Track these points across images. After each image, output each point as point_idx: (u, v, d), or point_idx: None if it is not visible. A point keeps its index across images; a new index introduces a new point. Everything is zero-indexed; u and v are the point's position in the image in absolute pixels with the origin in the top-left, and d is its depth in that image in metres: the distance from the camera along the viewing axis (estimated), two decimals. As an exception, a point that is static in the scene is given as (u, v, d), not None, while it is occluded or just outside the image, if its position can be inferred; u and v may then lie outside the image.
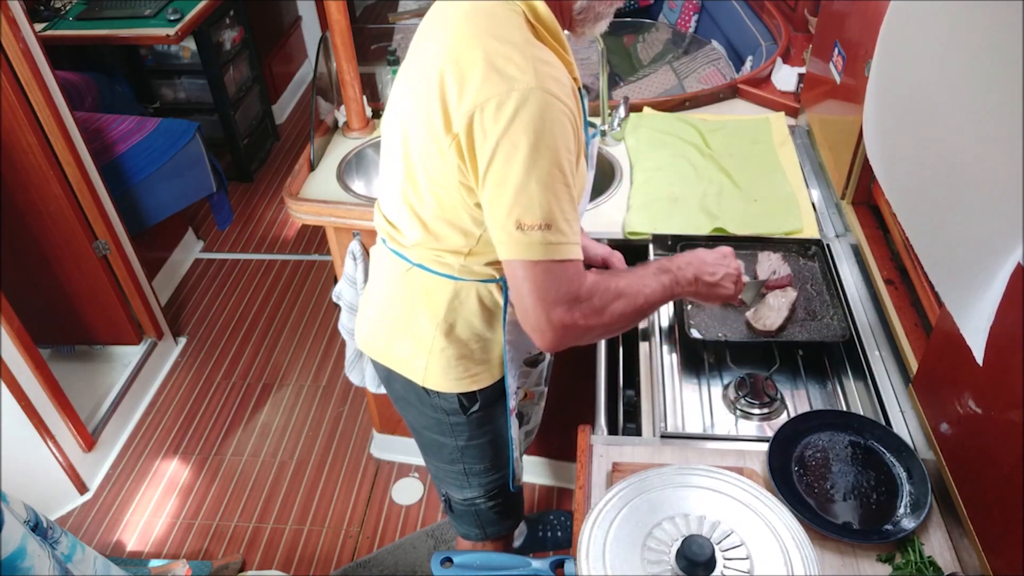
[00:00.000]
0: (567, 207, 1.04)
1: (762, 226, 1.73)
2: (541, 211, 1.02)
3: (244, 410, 2.70)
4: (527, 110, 0.99)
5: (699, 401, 1.45)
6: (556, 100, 1.01)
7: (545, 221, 1.03)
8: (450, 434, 1.43)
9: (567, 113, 1.03)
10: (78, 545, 1.78)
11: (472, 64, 1.03)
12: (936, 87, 1.15)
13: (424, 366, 1.33)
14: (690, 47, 2.89)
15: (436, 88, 1.06)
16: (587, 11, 1.10)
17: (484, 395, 1.37)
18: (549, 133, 1.00)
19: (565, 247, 1.05)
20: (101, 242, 2.46)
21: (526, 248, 1.04)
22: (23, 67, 2.10)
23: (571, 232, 1.05)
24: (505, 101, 1.00)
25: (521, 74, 1.00)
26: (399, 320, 1.33)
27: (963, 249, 1.04)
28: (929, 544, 1.14)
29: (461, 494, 1.56)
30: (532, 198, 1.02)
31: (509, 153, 1.01)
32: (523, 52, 1.02)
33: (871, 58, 1.46)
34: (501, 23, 1.05)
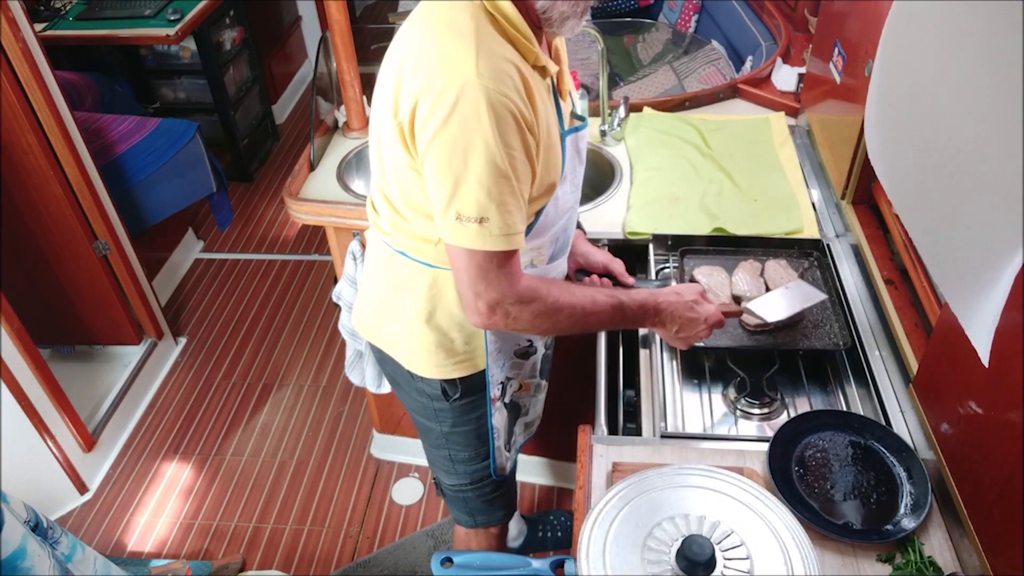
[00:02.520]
0: (508, 199, 1.07)
1: (762, 226, 1.73)
2: (477, 205, 1.06)
3: (244, 410, 2.70)
4: (466, 104, 1.01)
5: (699, 401, 1.45)
6: (500, 96, 1.02)
7: (481, 215, 1.06)
8: (435, 419, 1.46)
9: (511, 108, 1.03)
10: (78, 545, 1.78)
11: (423, 54, 1.06)
12: (938, 88, 1.15)
13: (408, 350, 1.37)
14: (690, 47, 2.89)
15: (393, 77, 1.11)
16: (551, 10, 1.08)
17: (467, 384, 1.39)
18: (487, 128, 1.02)
19: (501, 239, 1.09)
20: (101, 242, 2.46)
21: (463, 236, 1.09)
22: (23, 67, 2.10)
23: (509, 225, 1.08)
24: (445, 93, 1.02)
25: (465, 67, 1.01)
26: (386, 304, 1.37)
27: (967, 251, 1.04)
28: (929, 544, 1.14)
29: (448, 479, 1.59)
30: (469, 192, 1.05)
31: (446, 146, 1.04)
32: (473, 45, 1.03)
33: (871, 58, 1.46)
34: (459, 15, 1.06)
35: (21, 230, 2.37)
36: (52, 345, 2.74)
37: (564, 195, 1.25)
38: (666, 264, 1.70)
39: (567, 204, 1.28)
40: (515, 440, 1.57)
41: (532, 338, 1.42)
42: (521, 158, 1.07)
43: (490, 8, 1.07)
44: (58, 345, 2.76)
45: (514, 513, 1.79)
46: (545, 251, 1.30)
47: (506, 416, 1.49)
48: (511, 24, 1.08)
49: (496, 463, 1.54)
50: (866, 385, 1.42)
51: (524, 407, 1.54)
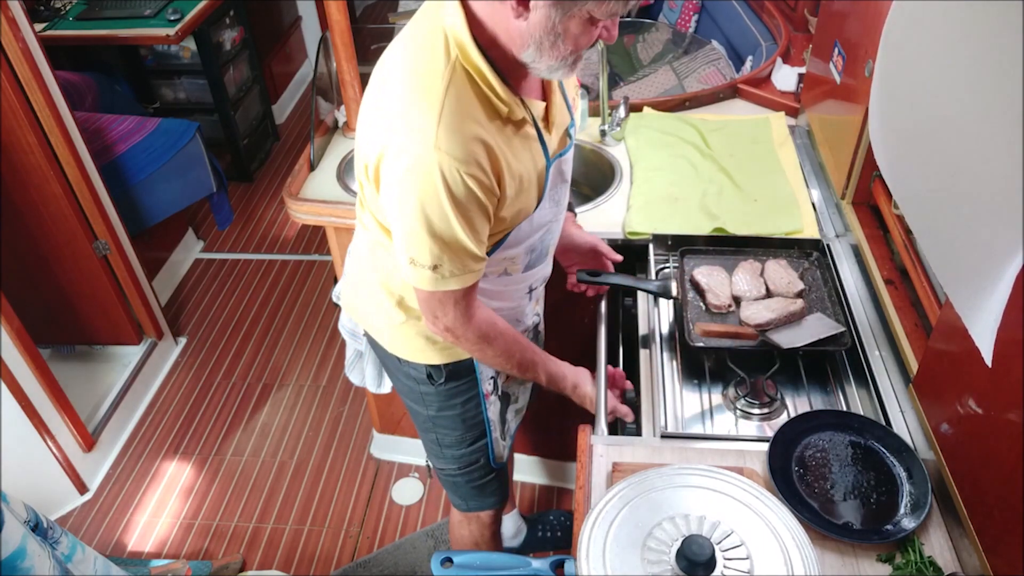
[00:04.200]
0: (460, 247, 1.12)
1: (762, 226, 1.73)
2: (430, 256, 1.13)
3: (244, 410, 2.70)
4: (420, 171, 1.06)
5: (699, 401, 1.45)
6: (455, 169, 1.05)
7: (434, 263, 1.13)
8: (421, 402, 1.49)
9: (467, 181, 1.06)
10: (78, 545, 1.78)
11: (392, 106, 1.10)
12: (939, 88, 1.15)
13: (391, 334, 1.42)
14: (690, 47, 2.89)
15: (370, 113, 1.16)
16: (537, 63, 1.08)
17: (451, 369, 1.41)
18: (440, 196, 1.06)
19: (454, 280, 1.16)
20: (101, 242, 2.46)
21: (417, 279, 1.17)
22: (23, 67, 2.10)
23: (463, 266, 1.15)
24: (401, 154, 1.07)
25: (425, 135, 1.05)
26: (367, 288, 1.40)
27: (970, 250, 1.04)
28: (929, 544, 1.14)
29: (437, 463, 1.62)
30: (422, 244, 1.12)
31: (401, 199, 1.10)
32: (437, 113, 1.05)
33: (871, 58, 1.46)
34: (433, 72, 1.07)
35: (21, 230, 2.37)
36: (52, 345, 2.74)
37: (541, 212, 1.27)
38: (666, 264, 1.70)
39: (544, 219, 1.30)
40: (508, 427, 1.60)
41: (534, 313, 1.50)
42: (477, 214, 1.11)
43: (465, 65, 1.08)
44: (58, 345, 2.76)
45: (507, 500, 1.80)
46: (519, 261, 1.33)
47: (499, 408, 1.52)
48: (486, 84, 1.09)
49: (494, 453, 1.57)
50: (866, 385, 1.42)
51: (513, 395, 1.57)
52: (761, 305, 1.49)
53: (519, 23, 1.02)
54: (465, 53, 1.07)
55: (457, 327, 1.24)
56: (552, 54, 1.05)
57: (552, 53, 1.05)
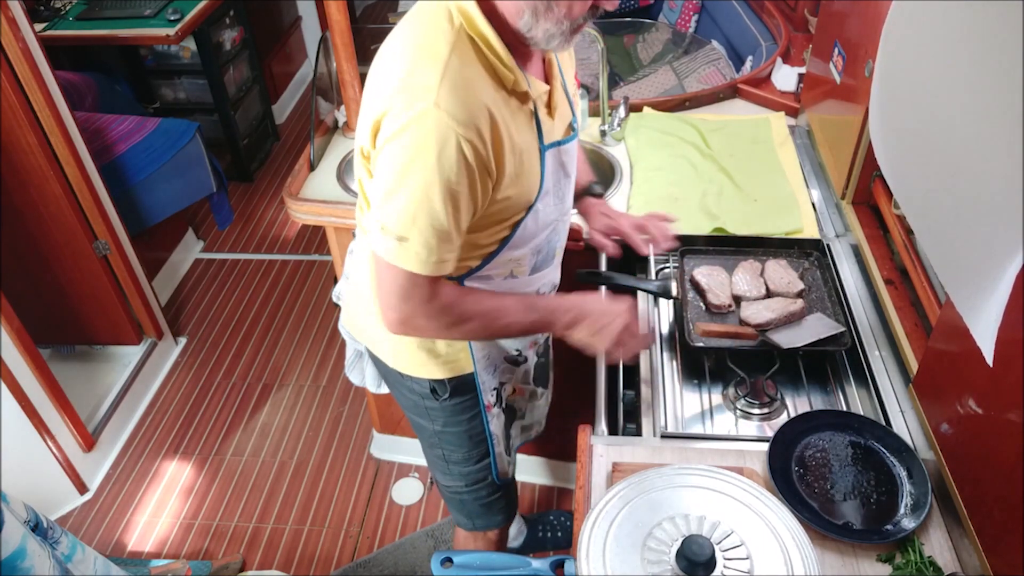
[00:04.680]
0: (433, 228, 1.06)
1: (762, 226, 1.73)
2: (400, 225, 1.06)
3: (244, 410, 2.70)
4: (416, 130, 1.01)
5: (699, 401, 1.45)
6: (454, 131, 1.01)
7: (400, 235, 1.07)
8: (426, 417, 1.46)
9: (463, 145, 1.02)
10: (78, 545, 1.78)
11: (392, 72, 1.07)
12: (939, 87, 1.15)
13: (392, 348, 1.37)
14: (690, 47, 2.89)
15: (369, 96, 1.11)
16: (533, 29, 1.04)
17: (456, 384, 1.38)
18: (430, 159, 1.01)
19: (418, 263, 1.09)
20: (101, 242, 2.46)
21: (383, 248, 1.10)
22: (23, 67, 2.10)
23: (429, 251, 1.08)
24: (402, 113, 1.02)
25: (426, 93, 1.01)
26: (366, 304, 1.37)
27: (971, 250, 1.04)
28: (929, 544, 1.14)
29: (444, 480, 1.59)
30: (396, 209, 1.06)
31: (390, 159, 1.05)
32: (440, 72, 1.02)
33: (871, 58, 1.46)
34: (437, 39, 1.05)
35: (21, 230, 2.37)
36: (52, 345, 2.74)
37: (546, 208, 1.23)
38: (666, 264, 1.70)
39: (549, 217, 1.26)
40: (513, 443, 1.57)
41: (520, 348, 1.41)
42: (463, 192, 1.06)
43: (470, 32, 1.05)
44: (58, 345, 2.76)
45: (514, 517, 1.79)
46: (526, 263, 1.29)
47: (503, 421, 1.48)
48: (490, 50, 1.06)
49: (498, 468, 1.53)
50: (866, 385, 1.42)
51: (520, 410, 1.53)
52: (761, 305, 1.49)
53: None
54: (470, 20, 1.05)
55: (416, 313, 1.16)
56: (548, 17, 1.02)
57: (548, 17, 1.02)
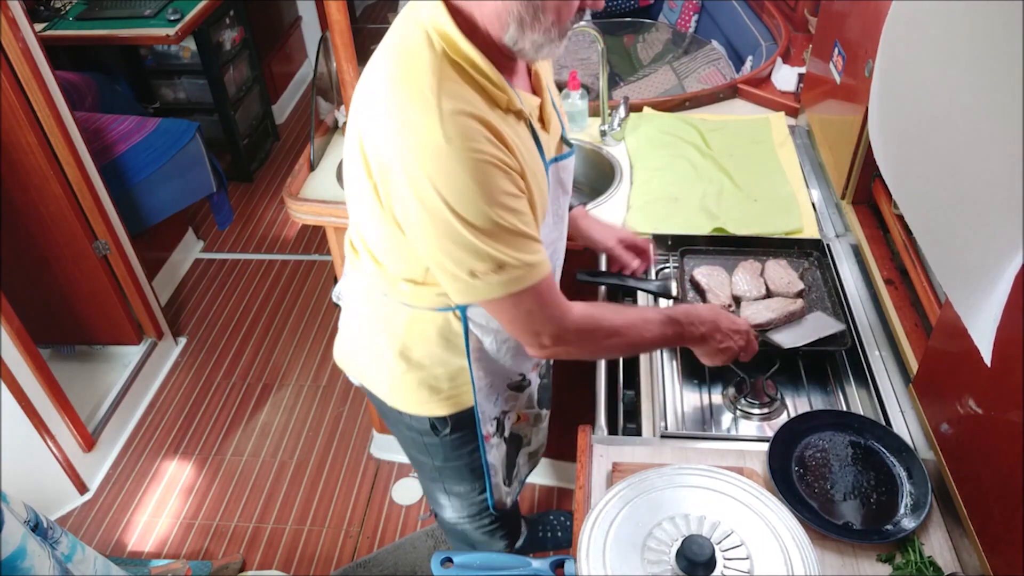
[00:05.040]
0: (516, 238, 1.01)
1: (762, 226, 1.73)
2: (489, 258, 1.00)
3: (244, 410, 2.70)
4: (442, 173, 0.96)
5: (699, 401, 1.45)
6: (474, 153, 0.96)
7: (495, 265, 1.01)
8: (426, 453, 1.42)
9: (490, 160, 0.97)
10: (78, 545, 1.78)
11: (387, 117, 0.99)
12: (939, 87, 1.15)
13: (388, 386, 1.32)
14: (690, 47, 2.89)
15: (358, 135, 1.05)
16: (521, 41, 0.99)
17: (457, 419, 1.33)
18: (470, 189, 0.97)
19: (527, 273, 1.03)
20: (101, 242, 2.46)
21: (486, 290, 1.04)
22: (23, 67, 2.10)
23: (528, 259, 1.03)
24: (418, 165, 0.96)
25: (432, 134, 0.95)
26: (362, 339, 1.32)
27: (969, 251, 1.04)
28: (929, 544, 1.14)
29: (445, 512, 1.54)
30: (475, 251, 1.00)
31: (433, 219, 0.98)
32: (436, 107, 0.96)
33: (871, 58, 1.46)
34: (420, 69, 0.98)
35: (21, 230, 2.37)
36: (52, 345, 2.74)
37: (546, 229, 1.17)
38: (666, 264, 1.70)
39: (549, 238, 1.21)
40: (518, 472, 1.52)
41: (524, 371, 1.37)
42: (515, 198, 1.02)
43: (454, 56, 0.99)
44: (58, 345, 2.76)
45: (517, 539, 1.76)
46: None
47: (505, 450, 1.44)
48: (478, 72, 1.00)
49: (494, 498, 1.50)
50: (866, 385, 1.42)
51: (526, 437, 1.49)
52: (761, 305, 1.49)
53: (493, 3, 0.95)
54: (451, 43, 0.99)
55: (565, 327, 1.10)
56: (535, 27, 0.97)
57: (535, 26, 0.97)
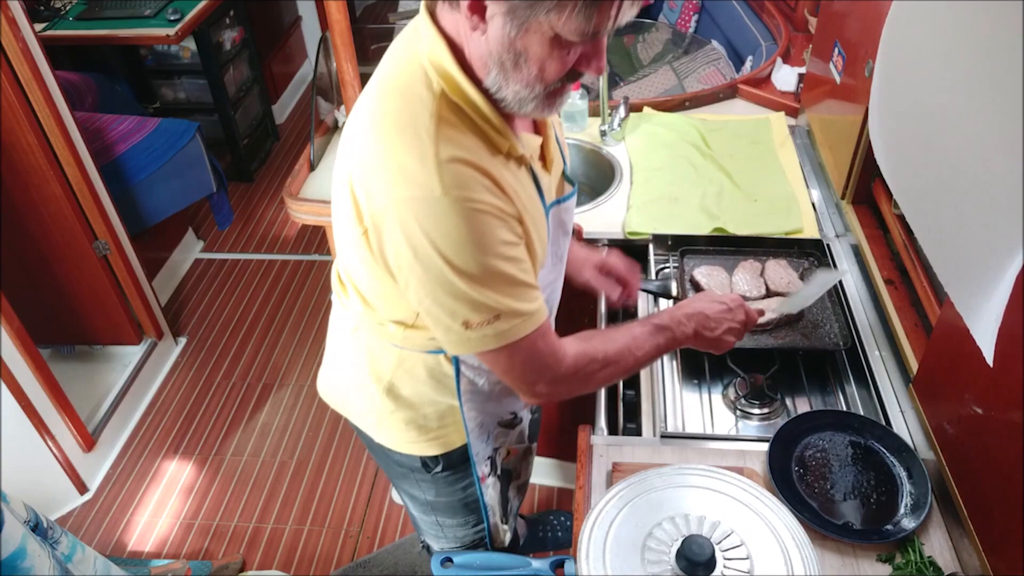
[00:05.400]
0: (512, 287, 0.97)
1: (762, 226, 1.73)
2: (485, 308, 0.96)
3: (244, 410, 2.70)
4: (438, 224, 0.91)
5: (699, 401, 1.45)
6: (471, 203, 0.91)
7: (492, 315, 0.97)
8: (417, 488, 1.38)
9: (488, 210, 0.92)
10: (78, 545, 1.78)
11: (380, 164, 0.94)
12: (939, 88, 1.15)
13: (376, 424, 1.28)
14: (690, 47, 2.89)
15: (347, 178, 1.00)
16: (503, 90, 0.92)
17: (448, 458, 1.29)
18: (466, 240, 0.92)
19: (524, 322, 0.99)
20: (101, 242, 2.46)
21: (481, 342, 0.99)
22: (23, 67, 2.10)
23: (524, 307, 0.99)
24: (413, 216, 0.91)
25: (428, 182, 0.90)
26: (349, 375, 1.28)
27: (970, 250, 1.04)
28: (929, 544, 1.14)
29: (438, 544, 1.51)
30: (469, 303, 0.95)
31: (427, 270, 0.94)
32: (432, 156, 0.90)
33: (871, 58, 1.46)
34: (416, 113, 0.93)
35: (21, 230, 2.37)
36: (52, 345, 2.74)
37: (544, 271, 1.13)
38: (666, 264, 1.70)
39: (547, 279, 1.17)
40: (511, 506, 1.49)
41: (516, 409, 1.33)
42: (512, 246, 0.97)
43: (453, 97, 0.93)
44: (58, 345, 2.76)
45: None
46: None
47: (499, 488, 1.41)
48: (479, 115, 0.94)
49: (492, 538, 1.47)
50: (866, 385, 1.42)
51: (515, 471, 1.46)
52: (761, 305, 1.49)
53: (481, 41, 0.88)
54: (452, 83, 0.92)
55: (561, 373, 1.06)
56: (516, 77, 0.89)
57: (516, 76, 0.89)
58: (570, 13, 0.80)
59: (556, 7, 0.80)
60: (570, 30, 0.82)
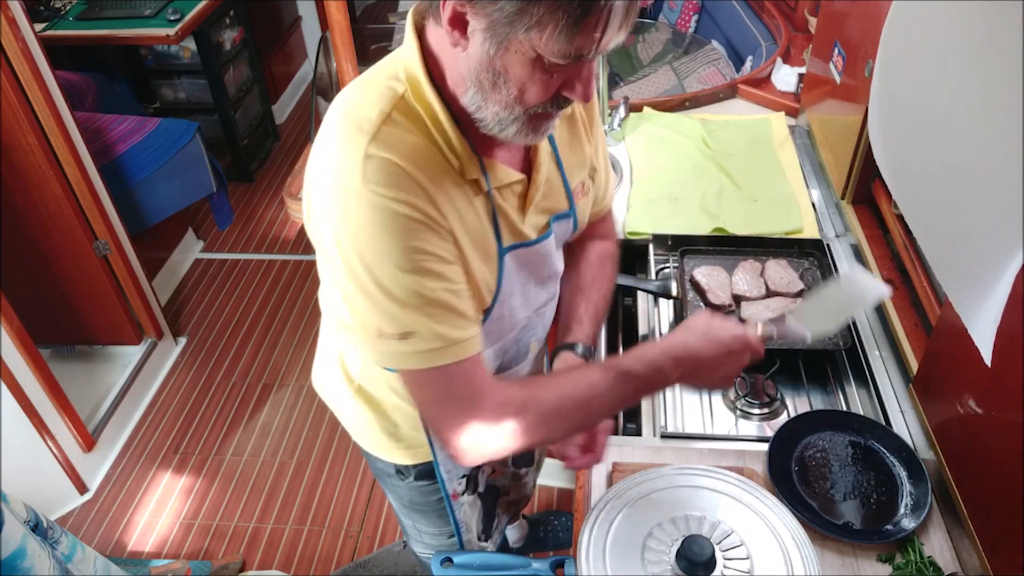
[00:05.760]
0: (432, 307, 0.89)
1: (762, 226, 1.73)
2: (396, 320, 0.89)
3: (244, 410, 2.70)
4: (355, 217, 0.86)
5: (699, 401, 1.45)
6: (392, 201, 0.85)
7: (403, 330, 0.90)
8: (394, 492, 1.36)
9: (410, 213, 0.86)
10: (78, 545, 1.78)
11: (319, 152, 0.92)
12: (939, 88, 1.15)
13: (354, 425, 1.27)
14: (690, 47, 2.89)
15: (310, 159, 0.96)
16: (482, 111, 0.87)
17: (420, 470, 1.26)
18: (382, 239, 0.86)
19: (437, 352, 0.90)
20: (101, 242, 2.46)
21: (392, 357, 0.93)
22: (23, 67, 2.10)
23: (443, 334, 0.90)
24: (334, 205, 0.88)
25: (352, 174, 0.86)
26: (330, 374, 1.27)
27: (969, 251, 1.04)
28: (929, 544, 1.14)
29: (415, 546, 1.49)
30: (383, 308, 0.89)
31: (345, 263, 0.89)
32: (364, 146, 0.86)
33: (871, 58, 1.46)
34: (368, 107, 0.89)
35: (21, 230, 2.37)
36: (52, 345, 2.74)
37: (512, 313, 1.07)
38: (666, 264, 1.70)
39: (520, 317, 1.10)
40: (499, 522, 1.46)
41: None
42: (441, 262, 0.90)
43: (414, 103, 0.89)
44: (58, 345, 2.76)
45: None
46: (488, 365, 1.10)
47: (481, 506, 1.37)
48: (436, 125, 0.90)
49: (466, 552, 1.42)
50: (866, 385, 1.42)
51: (505, 488, 1.42)
52: (761, 305, 1.49)
53: (461, 58, 0.84)
54: (416, 87, 0.89)
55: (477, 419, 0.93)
56: (495, 98, 0.85)
57: (494, 96, 0.85)
58: (551, 33, 0.76)
59: (536, 25, 0.76)
60: (552, 51, 0.78)
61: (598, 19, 0.75)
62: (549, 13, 0.75)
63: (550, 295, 1.17)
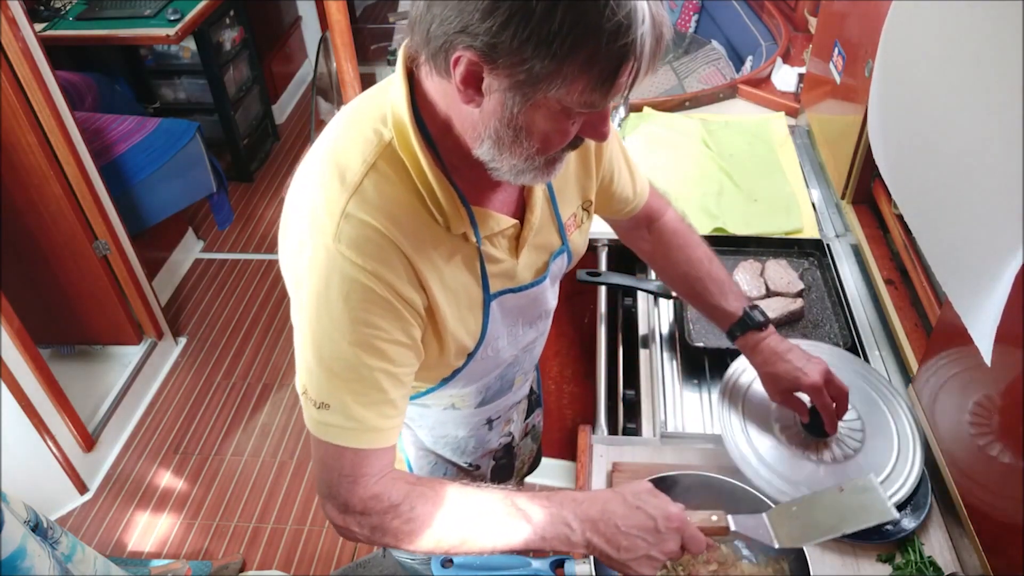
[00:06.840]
0: (360, 389, 0.86)
1: (762, 226, 1.73)
2: (318, 388, 0.87)
3: (244, 410, 2.70)
4: (316, 273, 0.84)
5: (699, 401, 1.45)
6: (360, 271, 0.82)
7: (322, 400, 0.87)
8: None
9: (375, 287, 0.83)
10: (78, 545, 1.78)
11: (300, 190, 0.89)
12: (938, 88, 1.15)
13: None
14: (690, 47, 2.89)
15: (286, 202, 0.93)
16: (497, 161, 0.83)
17: None
18: (336, 307, 0.83)
19: (342, 434, 0.87)
20: (101, 242, 2.46)
21: (306, 414, 0.90)
22: (23, 67, 2.10)
23: (358, 420, 0.86)
24: (301, 254, 0.86)
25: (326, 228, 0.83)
26: None
27: (969, 251, 1.04)
28: (929, 544, 1.14)
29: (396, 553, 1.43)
30: (312, 372, 0.87)
31: (297, 310, 0.88)
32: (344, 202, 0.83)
33: (871, 58, 1.46)
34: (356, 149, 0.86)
35: (21, 230, 2.37)
36: (52, 345, 2.74)
37: (501, 350, 1.06)
38: (666, 264, 1.69)
39: (506, 356, 1.08)
40: None
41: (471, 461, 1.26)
42: (393, 344, 0.86)
43: (401, 154, 0.85)
44: (58, 345, 2.76)
45: None
46: (470, 399, 1.13)
47: None
48: (418, 176, 0.85)
49: None
50: (866, 385, 1.41)
51: None
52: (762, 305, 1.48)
53: (472, 112, 0.80)
54: (403, 135, 0.84)
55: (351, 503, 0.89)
56: (515, 152, 0.81)
57: (514, 151, 0.81)
58: (583, 88, 0.74)
59: (566, 83, 0.73)
60: (580, 104, 0.76)
61: (629, 69, 0.73)
62: (581, 71, 0.72)
63: (539, 332, 1.14)
